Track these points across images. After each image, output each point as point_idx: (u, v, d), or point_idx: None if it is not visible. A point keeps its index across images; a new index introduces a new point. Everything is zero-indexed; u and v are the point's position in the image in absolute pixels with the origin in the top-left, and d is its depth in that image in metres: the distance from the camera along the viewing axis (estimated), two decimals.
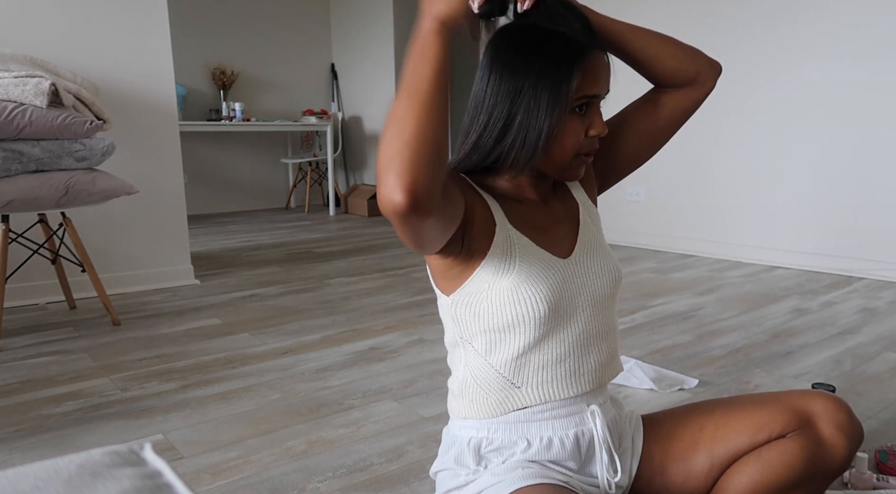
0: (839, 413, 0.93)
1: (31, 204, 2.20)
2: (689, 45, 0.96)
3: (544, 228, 0.93)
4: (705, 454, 0.96)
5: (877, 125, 3.00)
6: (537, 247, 0.90)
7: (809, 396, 0.96)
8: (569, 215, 0.98)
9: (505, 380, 0.91)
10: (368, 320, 2.48)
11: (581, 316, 0.92)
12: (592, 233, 0.98)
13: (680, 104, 0.99)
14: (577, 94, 0.84)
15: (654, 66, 0.95)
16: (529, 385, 0.91)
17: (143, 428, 1.59)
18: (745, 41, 3.39)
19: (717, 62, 0.98)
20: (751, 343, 2.18)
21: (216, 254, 3.89)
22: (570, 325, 0.91)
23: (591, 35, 0.85)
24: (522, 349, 0.90)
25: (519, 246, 0.88)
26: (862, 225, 3.10)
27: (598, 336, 0.94)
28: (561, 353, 0.91)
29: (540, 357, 0.90)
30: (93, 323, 2.47)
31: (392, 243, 4.23)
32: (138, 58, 2.90)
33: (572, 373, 0.92)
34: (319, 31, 6.31)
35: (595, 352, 0.94)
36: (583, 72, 0.83)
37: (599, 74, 0.85)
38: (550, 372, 0.91)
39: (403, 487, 1.31)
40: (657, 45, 0.94)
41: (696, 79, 0.96)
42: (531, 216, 0.93)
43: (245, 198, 6.11)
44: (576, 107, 0.85)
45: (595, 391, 0.95)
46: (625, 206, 4.06)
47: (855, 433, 0.92)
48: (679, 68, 0.95)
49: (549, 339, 0.90)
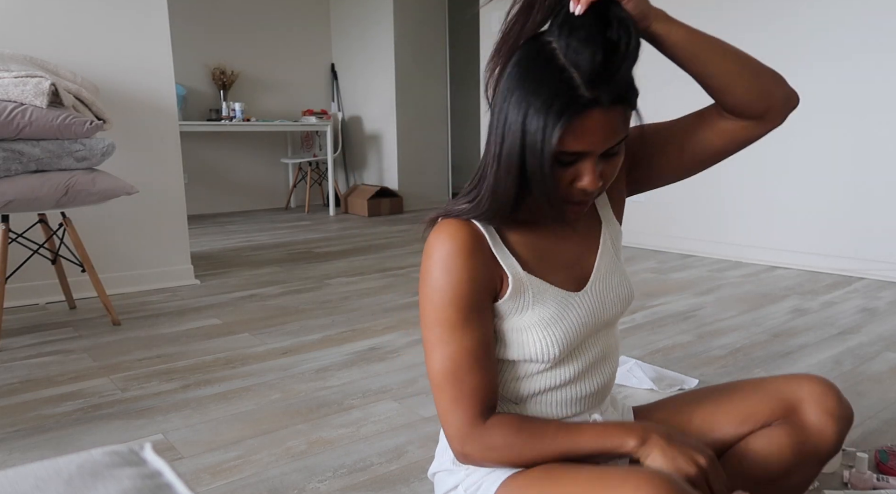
0: (825, 396, 0.91)
1: (31, 204, 2.20)
2: (770, 75, 0.85)
3: (560, 260, 0.91)
4: None
5: (877, 125, 3.00)
6: (551, 285, 0.88)
7: (796, 381, 0.94)
8: (590, 235, 0.95)
9: (503, 397, 0.92)
10: (368, 320, 2.48)
11: (589, 345, 0.92)
12: (611, 255, 0.96)
13: (738, 136, 0.89)
14: (560, 148, 0.75)
15: (721, 94, 0.85)
16: (526, 404, 0.92)
17: (143, 428, 1.59)
18: (744, 41, 3.39)
19: (795, 96, 0.87)
20: (751, 343, 2.18)
21: (216, 254, 3.89)
22: (577, 356, 0.91)
23: (604, 84, 0.73)
24: (525, 375, 0.90)
25: (532, 289, 0.87)
26: (862, 225, 3.10)
27: (603, 358, 0.94)
28: (564, 380, 0.90)
29: (542, 383, 0.90)
30: (93, 323, 2.47)
31: (392, 243, 4.23)
32: (138, 58, 2.90)
33: (573, 397, 0.92)
34: (319, 31, 6.31)
35: (598, 375, 0.94)
36: (571, 128, 0.74)
37: (593, 134, 0.75)
38: (550, 396, 0.91)
39: (403, 487, 1.31)
40: (730, 74, 0.83)
41: (764, 115, 0.86)
42: (546, 247, 0.90)
43: (245, 198, 6.10)
44: (560, 158, 0.77)
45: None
46: (625, 206, 4.06)
47: (843, 415, 0.91)
48: (749, 102, 0.85)
49: (555, 369, 0.90)
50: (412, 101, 5.76)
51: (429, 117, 5.90)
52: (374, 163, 6.08)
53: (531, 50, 0.76)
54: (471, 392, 0.83)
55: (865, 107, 3.02)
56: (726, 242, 3.63)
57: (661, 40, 0.82)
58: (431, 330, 0.84)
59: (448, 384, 0.83)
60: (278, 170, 6.30)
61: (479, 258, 0.84)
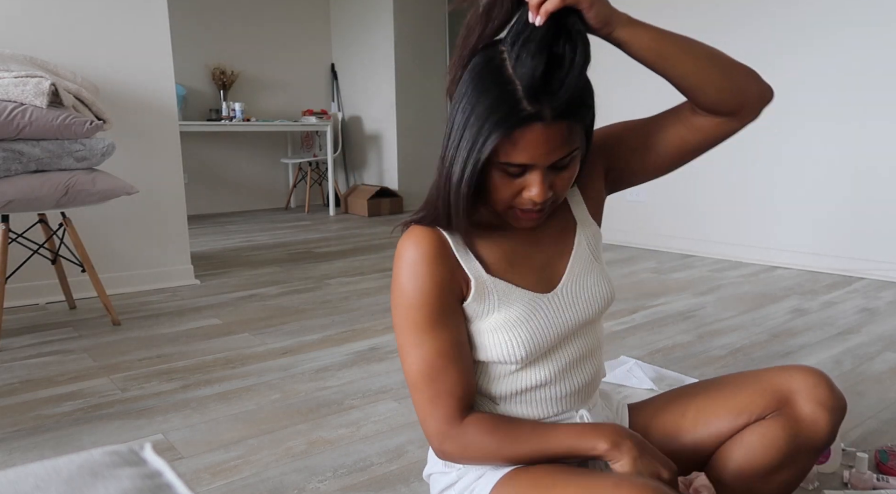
0: (818, 387, 0.91)
1: (31, 204, 2.20)
2: (741, 70, 0.85)
3: (528, 262, 0.90)
4: (689, 440, 0.96)
5: (877, 125, 3.00)
6: (517, 287, 0.88)
7: (789, 373, 0.94)
8: (562, 237, 0.94)
9: (482, 397, 0.92)
10: (368, 320, 2.48)
11: (565, 344, 0.92)
12: (586, 255, 0.95)
13: (714, 132, 0.89)
14: (503, 160, 0.76)
15: (693, 94, 0.85)
16: (507, 403, 0.92)
17: (143, 428, 1.59)
18: (744, 42, 3.39)
19: (769, 91, 0.86)
20: (751, 343, 2.18)
21: (216, 254, 3.89)
22: (553, 356, 0.91)
23: (546, 98, 0.73)
24: (500, 375, 0.90)
25: (496, 291, 0.87)
26: (862, 225, 3.10)
27: (583, 357, 0.94)
28: (542, 380, 0.90)
29: (520, 383, 0.90)
30: (93, 323, 2.47)
31: (392, 243, 4.23)
32: (138, 58, 2.90)
33: (554, 396, 0.92)
34: (319, 31, 6.31)
35: (579, 374, 0.93)
36: (511, 141, 0.75)
37: (535, 147, 0.75)
38: (530, 396, 0.91)
39: (403, 487, 1.31)
40: (701, 74, 0.82)
41: (737, 112, 0.86)
42: (513, 249, 0.90)
43: (245, 198, 6.11)
44: (505, 169, 0.78)
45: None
46: (625, 206, 4.06)
47: (836, 405, 0.91)
48: (722, 100, 0.84)
49: (530, 369, 0.90)
50: (412, 101, 5.76)
51: (429, 117, 5.89)
52: (374, 163, 6.08)
53: (484, 58, 0.77)
54: (446, 391, 0.84)
55: (866, 108, 3.02)
56: (726, 242, 3.63)
57: (626, 46, 0.82)
58: (403, 333, 0.86)
59: (424, 384, 0.85)
60: (278, 170, 6.30)
61: (444, 263, 0.85)
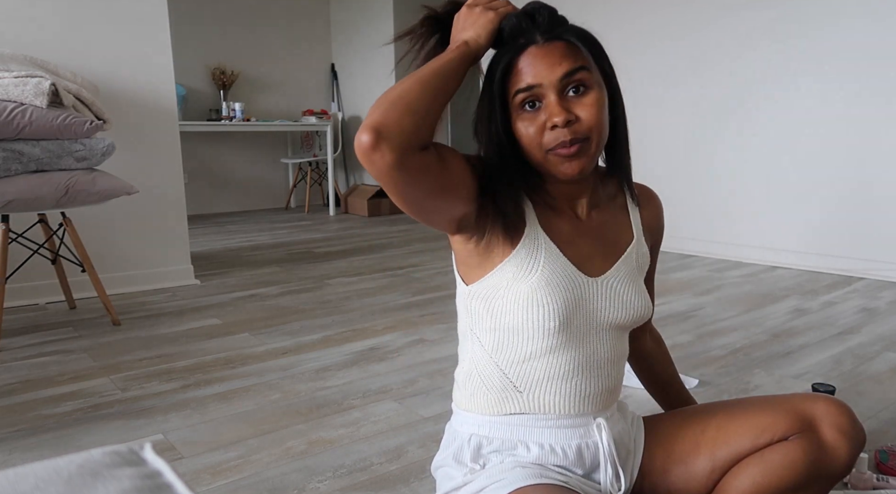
0: (841, 416, 0.92)
1: (31, 204, 2.20)
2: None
3: (579, 244, 0.91)
4: (707, 456, 0.96)
5: (877, 125, 3.00)
6: (564, 257, 0.89)
7: (812, 400, 0.95)
8: (617, 240, 0.96)
9: (508, 381, 0.91)
10: (368, 320, 2.48)
11: (597, 338, 0.91)
12: (633, 266, 0.95)
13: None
14: (514, 89, 0.84)
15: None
16: (532, 392, 0.91)
17: (143, 428, 1.59)
18: (744, 41, 3.39)
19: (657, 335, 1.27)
20: (751, 343, 2.18)
21: (216, 254, 3.89)
22: (583, 344, 0.90)
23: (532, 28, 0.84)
24: (529, 355, 0.89)
25: (546, 251, 0.87)
26: (862, 225, 3.10)
27: (611, 361, 0.93)
28: (569, 370, 0.90)
29: (547, 368, 0.89)
30: (93, 323, 2.47)
31: (392, 243, 4.23)
32: (138, 58, 2.90)
33: (577, 393, 0.91)
34: (319, 31, 6.32)
35: (604, 377, 0.93)
36: (516, 70, 0.83)
37: (535, 65, 0.82)
38: (555, 386, 0.90)
39: (403, 487, 1.31)
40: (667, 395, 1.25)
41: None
42: (568, 229, 0.91)
43: (245, 198, 6.11)
44: (523, 104, 0.84)
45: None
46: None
47: (857, 436, 0.92)
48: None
49: (559, 353, 0.89)
50: None
51: None
52: None
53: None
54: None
55: (866, 108, 3.02)
56: (726, 242, 3.63)
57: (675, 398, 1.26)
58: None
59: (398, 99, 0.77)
60: (278, 170, 6.30)
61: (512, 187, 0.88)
